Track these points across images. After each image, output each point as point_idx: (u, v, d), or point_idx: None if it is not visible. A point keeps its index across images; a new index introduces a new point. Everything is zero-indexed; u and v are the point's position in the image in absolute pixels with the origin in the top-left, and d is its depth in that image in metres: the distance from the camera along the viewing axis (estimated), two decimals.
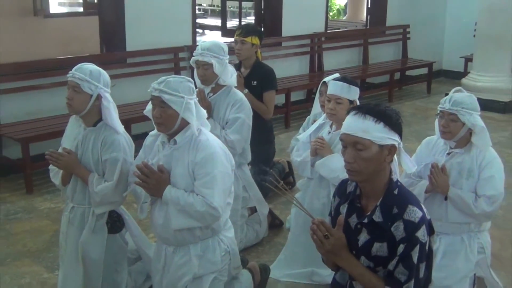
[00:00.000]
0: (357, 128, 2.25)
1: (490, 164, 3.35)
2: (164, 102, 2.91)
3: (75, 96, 3.17)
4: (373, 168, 2.27)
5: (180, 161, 3.01)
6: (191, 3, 6.81)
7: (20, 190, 5.17)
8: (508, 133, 7.28)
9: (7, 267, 3.89)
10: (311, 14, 8.28)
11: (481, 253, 3.47)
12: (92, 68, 3.25)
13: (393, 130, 2.28)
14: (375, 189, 2.34)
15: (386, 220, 2.27)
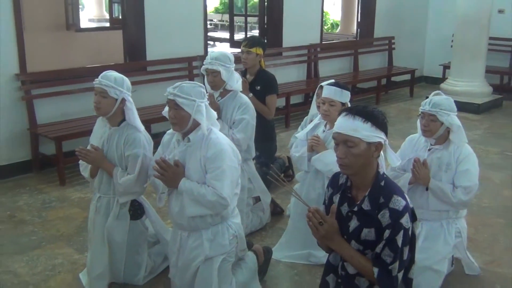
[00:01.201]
0: (347, 127, 2.25)
1: (466, 159, 3.35)
2: (178, 104, 2.91)
3: (102, 101, 3.17)
4: (362, 163, 2.27)
5: (193, 156, 3.00)
6: (203, 18, 6.78)
7: (54, 182, 5.17)
8: (482, 132, 7.24)
9: (43, 249, 3.88)
10: (308, 27, 8.26)
11: (458, 237, 3.47)
12: (116, 75, 3.24)
13: (379, 129, 2.27)
14: (364, 181, 2.33)
15: (373, 208, 2.27)
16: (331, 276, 2.50)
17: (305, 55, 8.24)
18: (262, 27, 8.20)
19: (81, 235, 4.02)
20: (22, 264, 3.66)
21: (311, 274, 3.53)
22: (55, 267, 3.63)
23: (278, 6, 7.78)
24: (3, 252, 3.83)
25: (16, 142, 5.30)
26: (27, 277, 3.50)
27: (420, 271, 3.25)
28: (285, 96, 7.22)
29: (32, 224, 4.29)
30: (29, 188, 5.06)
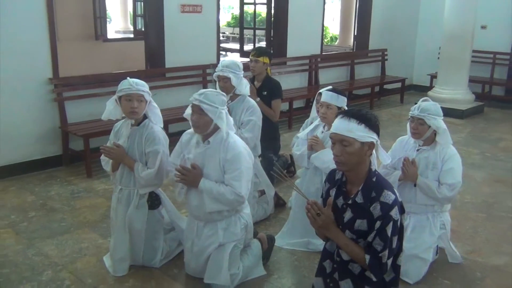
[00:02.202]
0: (343, 128, 2.24)
1: (450, 159, 3.33)
2: (203, 110, 2.90)
3: (139, 105, 3.16)
4: (356, 160, 2.26)
5: (213, 158, 3.00)
6: (216, 31, 6.76)
7: (82, 175, 5.17)
8: (465, 134, 7.19)
9: (71, 234, 3.88)
10: (309, 40, 8.22)
11: (443, 229, 3.45)
12: (142, 81, 3.22)
13: (372, 130, 2.27)
14: (357, 176, 2.32)
15: (366, 201, 2.26)
16: (328, 262, 2.50)
17: (307, 64, 8.20)
18: (269, 39, 8.18)
19: (105, 222, 4.01)
20: (52, 247, 3.66)
21: (310, 260, 3.51)
22: (81, 250, 3.62)
23: (283, 21, 7.75)
24: (36, 236, 3.83)
25: (48, 139, 5.30)
26: (57, 258, 3.49)
27: (408, 259, 3.24)
28: (288, 101, 7.20)
29: (62, 212, 4.29)
30: (59, 179, 5.06)
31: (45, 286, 3.15)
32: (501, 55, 9.33)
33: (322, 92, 3.58)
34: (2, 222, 4.06)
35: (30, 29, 4.97)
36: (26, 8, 4.91)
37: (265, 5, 8.01)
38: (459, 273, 3.44)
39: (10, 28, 4.83)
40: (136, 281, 3.23)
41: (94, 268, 3.38)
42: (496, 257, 3.68)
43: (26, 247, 3.65)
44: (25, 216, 4.18)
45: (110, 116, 3.25)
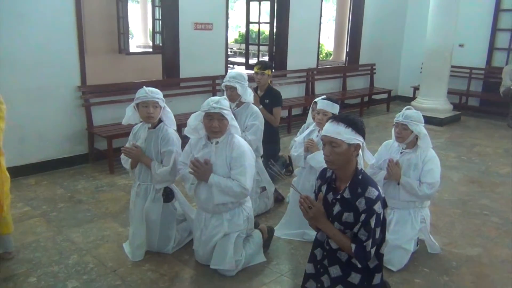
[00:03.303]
0: (332, 131, 2.25)
1: (430, 161, 3.31)
2: (223, 115, 2.89)
3: (155, 111, 3.16)
4: (344, 160, 2.26)
5: (220, 156, 2.99)
6: (224, 47, 6.76)
7: (105, 171, 5.17)
8: (443, 140, 7.16)
9: (94, 223, 3.88)
10: (307, 55, 8.20)
11: (423, 223, 3.43)
12: (156, 89, 3.22)
13: (358, 133, 2.27)
14: (345, 174, 2.32)
15: (352, 196, 2.26)
16: (319, 250, 2.50)
17: (304, 76, 8.18)
18: (271, 54, 8.18)
19: (125, 213, 4.01)
20: (78, 234, 3.66)
21: (305, 248, 3.49)
22: (103, 238, 3.62)
23: (284, 38, 7.74)
24: (64, 224, 3.83)
25: (76, 139, 5.30)
26: (82, 244, 3.49)
27: (392, 249, 3.23)
28: (288, 108, 7.19)
29: (87, 204, 4.29)
30: (85, 175, 5.06)
31: (71, 268, 3.15)
32: (477, 70, 9.30)
33: (318, 100, 3.58)
34: (35, 212, 4.07)
35: (61, 43, 4.99)
36: (58, 24, 4.93)
37: (268, 24, 8.00)
38: (437, 262, 3.42)
39: (44, 41, 4.85)
40: (151, 265, 3.22)
41: (115, 254, 3.37)
42: (470, 249, 3.66)
43: (55, 234, 3.65)
44: (55, 207, 4.18)
45: (129, 121, 3.25)
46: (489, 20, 9.11)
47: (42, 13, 4.77)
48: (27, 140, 4.90)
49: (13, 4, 4.55)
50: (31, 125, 4.90)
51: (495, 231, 4.01)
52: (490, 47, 9.24)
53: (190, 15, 6.15)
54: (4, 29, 4.54)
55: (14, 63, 4.66)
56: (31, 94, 4.85)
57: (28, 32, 4.71)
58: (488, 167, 5.85)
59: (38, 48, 4.82)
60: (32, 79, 4.83)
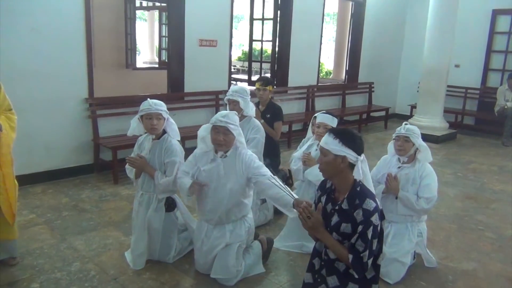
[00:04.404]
0: (323, 141, 2.30)
1: (428, 176, 3.30)
2: (229, 130, 2.86)
3: (158, 122, 3.15)
4: (332, 170, 2.27)
5: (230, 168, 2.96)
6: (228, 64, 6.80)
7: (110, 181, 5.15)
8: (440, 157, 7.14)
9: (98, 231, 3.85)
10: (307, 72, 8.26)
11: (420, 237, 3.39)
12: (160, 101, 3.22)
13: (346, 146, 2.24)
14: (343, 186, 2.31)
15: (350, 207, 2.24)
16: (317, 259, 2.47)
17: (305, 93, 8.21)
18: (273, 71, 8.22)
19: (128, 222, 3.97)
20: (81, 242, 3.63)
21: (303, 260, 3.45)
22: (106, 246, 3.58)
23: (285, 56, 7.80)
24: (68, 232, 3.80)
25: (82, 149, 5.30)
26: (84, 252, 3.46)
27: (389, 262, 3.19)
28: (288, 124, 7.20)
29: (91, 212, 4.26)
30: (90, 185, 5.04)
31: (74, 275, 3.12)
32: (472, 90, 9.35)
33: (318, 115, 3.58)
34: (40, 219, 4.04)
35: (71, 56, 5.02)
36: (69, 38, 4.96)
37: (271, 42, 8.06)
38: (434, 276, 3.37)
39: (54, 55, 4.88)
40: (152, 274, 3.18)
41: (117, 261, 3.34)
42: (466, 263, 3.62)
43: (59, 241, 3.62)
44: (59, 215, 4.16)
45: (134, 132, 3.25)
46: (484, 42, 9.18)
47: (53, 28, 4.81)
48: (34, 149, 4.90)
49: (26, 19, 4.60)
50: (39, 135, 4.90)
51: (491, 246, 3.97)
52: (485, 68, 9.29)
53: (195, 31, 6.20)
54: (17, 42, 4.58)
55: (25, 74, 4.69)
56: (40, 105, 4.86)
57: (39, 45, 4.75)
58: (483, 183, 5.82)
59: (48, 61, 4.84)
60: (42, 91, 4.84)
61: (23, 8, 4.57)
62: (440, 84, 8.21)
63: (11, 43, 4.54)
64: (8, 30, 4.50)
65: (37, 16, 4.68)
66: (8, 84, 3.08)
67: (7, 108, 3.01)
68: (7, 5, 4.45)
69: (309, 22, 7.95)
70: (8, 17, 4.47)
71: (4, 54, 4.49)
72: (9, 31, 4.50)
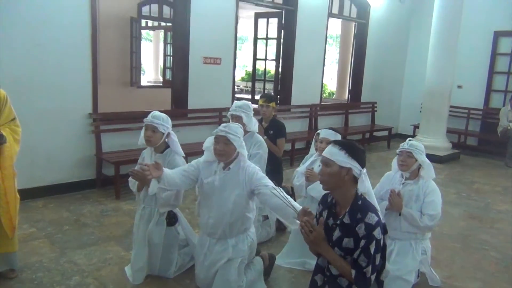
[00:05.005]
0: (328, 152, 2.26)
1: (431, 192, 3.27)
2: (229, 140, 2.86)
3: (153, 135, 3.16)
4: (335, 182, 2.22)
5: (234, 180, 2.93)
6: (232, 84, 6.85)
7: (112, 197, 5.13)
8: (443, 177, 7.10)
9: (98, 246, 3.81)
10: (310, 91, 8.30)
11: (424, 254, 3.34)
12: (163, 115, 3.25)
13: (352, 158, 2.22)
14: (344, 199, 2.26)
15: (352, 222, 2.20)
16: (319, 276, 2.41)
17: (307, 112, 8.23)
18: (276, 90, 8.26)
19: (128, 237, 3.94)
20: (81, 256, 3.59)
21: (305, 277, 3.39)
22: (106, 260, 3.54)
23: (289, 75, 7.85)
24: (68, 246, 3.77)
25: (85, 164, 5.29)
26: (84, 266, 3.42)
27: (393, 280, 3.13)
28: (291, 142, 7.20)
29: (92, 227, 4.23)
30: (92, 200, 5.02)
31: None
32: (475, 111, 9.35)
33: (322, 130, 3.59)
34: (40, 233, 4.01)
35: (77, 72, 5.06)
36: (75, 54, 5.02)
37: (274, 61, 8.13)
38: None
39: (60, 70, 4.93)
40: None
41: (116, 276, 3.29)
42: (471, 283, 3.55)
43: (58, 255, 3.59)
44: (60, 229, 4.13)
45: (140, 142, 3.26)
46: (486, 63, 9.24)
47: (59, 44, 4.87)
48: (37, 163, 4.90)
49: (32, 34, 4.66)
50: (42, 148, 4.90)
51: (495, 265, 3.90)
52: (487, 89, 9.32)
53: (200, 49, 6.26)
54: (23, 56, 4.63)
55: (30, 88, 4.73)
56: (44, 119, 4.88)
57: (45, 60, 4.80)
58: (487, 204, 5.77)
59: (54, 76, 4.89)
60: (46, 105, 4.87)
61: (30, 23, 4.64)
62: (442, 104, 8.23)
63: (17, 57, 4.59)
64: (15, 44, 4.56)
65: (44, 31, 4.74)
66: (13, 97, 3.09)
67: (11, 120, 3.02)
68: (14, 20, 4.52)
69: (312, 42, 8.03)
70: (14, 32, 4.54)
71: (10, 68, 4.54)
72: (15, 46, 4.56)
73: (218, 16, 6.39)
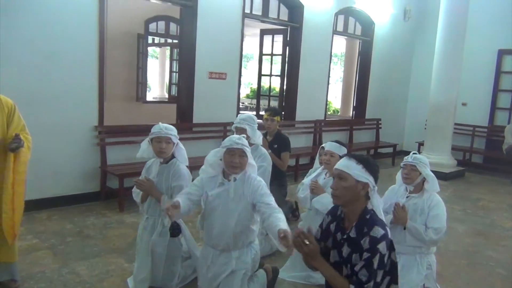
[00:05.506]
0: (343, 165, 2.19)
1: (436, 206, 3.25)
2: (245, 152, 2.86)
3: (167, 146, 3.18)
4: (350, 196, 2.16)
5: (238, 192, 2.91)
6: (236, 101, 6.92)
7: (115, 209, 5.13)
8: (448, 193, 7.05)
9: (101, 258, 3.80)
10: (315, 107, 8.33)
11: (429, 269, 3.31)
12: (171, 126, 3.27)
13: (368, 172, 2.17)
14: (353, 213, 2.21)
15: (358, 236, 2.14)
16: None
17: (312, 127, 8.25)
18: (281, 106, 8.30)
19: (131, 249, 3.92)
20: (84, 267, 3.58)
21: None
22: (108, 272, 3.53)
23: (294, 91, 7.90)
24: (71, 257, 3.76)
25: (89, 176, 5.31)
26: (86, 277, 3.40)
27: None
28: (295, 157, 7.19)
29: (95, 239, 4.22)
30: (95, 212, 5.02)
31: None
32: (480, 128, 9.33)
33: (327, 143, 3.60)
34: (43, 244, 4.01)
35: (83, 85, 5.13)
36: (82, 68, 5.08)
37: (279, 77, 8.19)
38: None
39: (68, 82, 4.99)
40: None
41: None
42: None
43: (61, 266, 3.58)
44: (63, 241, 4.12)
45: (143, 154, 3.26)
46: (490, 81, 9.26)
47: (68, 58, 4.94)
48: (42, 175, 4.92)
49: (41, 48, 4.74)
50: (47, 160, 4.93)
51: (501, 282, 3.85)
52: (492, 106, 9.32)
53: (205, 65, 6.33)
54: (31, 69, 4.70)
55: (37, 100, 4.78)
56: (50, 130, 4.92)
57: (53, 74, 4.87)
58: (493, 220, 5.71)
59: (61, 89, 4.95)
60: (52, 117, 4.92)
61: (39, 38, 4.72)
62: (447, 121, 8.23)
63: (25, 71, 4.66)
64: (23, 58, 4.63)
65: (52, 46, 4.82)
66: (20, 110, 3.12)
67: (22, 129, 3.06)
68: (23, 34, 4.60)
69: (317, 58, 8.10)
70: (23, 46, 4.61)
71: (18, 81, 4.61)
72: (24, 59, 4.64)
73: (224, 32, 6.48)
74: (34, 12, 4.65)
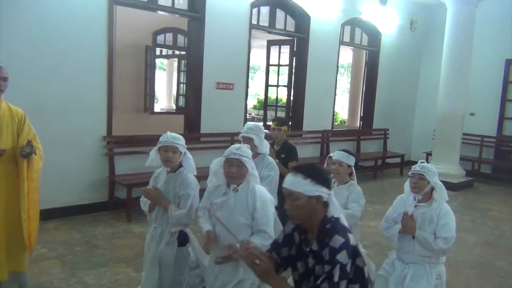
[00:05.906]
0: (291, 183, 2.02)
1: (445, 215, 3.20)
2: (242, 162, 2.85)
3: (174, 155, 3.18)
4: (306, 213, 2.01)
5: (241, 203, 2.90)
6: (244, 111, 6.97)
7: (123, 219, 5.15)
8: (457, 204, 7.00)
9: (109, 267, 3.81)
10: (322, 117, 8.35)
11: (438, 279, 3.24)
12: (179, 135, 3.28)
13: (319, 184, 2.00)
14: (313, 226, 2.06)
15: (320, 248, 2.00)
16: None
17: (319, 137, 8.26)
18: (288, 116, 8.32)
19: (139, 259, 3.93)
20: (92, 277, 3.59)
21: None
22: (116, 281, 3.54)
23: (301, 101, 7.93)
24: (79, 267, 3.77)
25: (97, 186, 5.35)
26: (95, 287, 3.42)
27: None
28: None
29: (103, 249, 4.23)
30: (103, 222, 5.04)
31: None
32: (488, 138, 9.27)
33: (335, 153, 3.59)
34: (51, 254, 4.03)
35: (92, 96, 5.20)
36: (91, 79, 5.17)
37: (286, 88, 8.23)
38: None
39: (77, 94, 5.06)
40: None
41: None
42: None
43: (69, 275, 3.59)
44: (71, 250, 4.14)
45: (152, 163, 3.28)
46: (498, 91, 9.23)
47: (77, 69, 5.03)
48: (50, 184, 4.94)
49: (52, 58, 4.82)
50: (55, 170, 4.97)
51: None
52: (500, 116, 9.27)
53: (213, 75, 6.38)
54: (41, 79, 4.78)
55: (47, 110, 4.85)
56: (59, 141, 4.98)
57: (63, 84, 4.94)
58: (503, 231, 5.65)
59: (71, 99, 5.02)
60: (61, 127, 4.98)
61: (49, 49, 4.80)
62: (455, 131, 8.19)
63: (36, 81, 4.74)
64: (34, 68, 4.71)
65: (63, 57, 4.90)
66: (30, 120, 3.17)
67: (32, 138, 3.10)
68: (34, 45, 4.68)
69: (324, 69, 8.14)
70: (34, 56, 4.70)
71: (28, 91, 4.68)
72: (34, 70, 4.72)
73: (232, 43, 6.54)
74: (44, 25, 4.73)
